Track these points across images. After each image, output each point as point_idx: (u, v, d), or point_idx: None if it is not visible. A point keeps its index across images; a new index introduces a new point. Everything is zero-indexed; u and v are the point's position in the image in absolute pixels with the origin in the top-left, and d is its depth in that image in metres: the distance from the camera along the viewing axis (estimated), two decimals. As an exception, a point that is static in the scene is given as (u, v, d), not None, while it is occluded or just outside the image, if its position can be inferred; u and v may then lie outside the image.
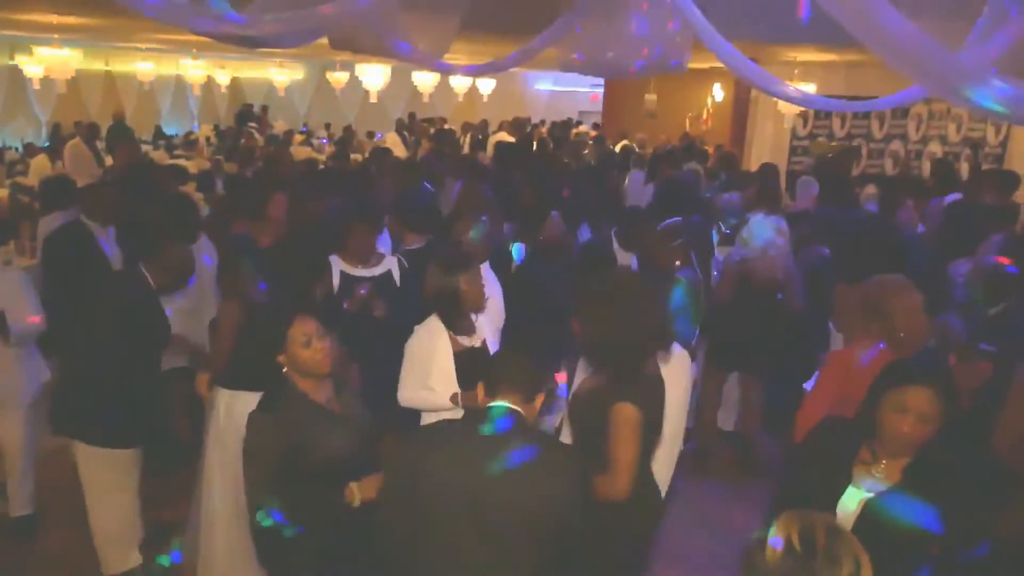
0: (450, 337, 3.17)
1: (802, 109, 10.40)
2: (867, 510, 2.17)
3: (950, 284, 4.21)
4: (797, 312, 4.63)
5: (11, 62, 12.66)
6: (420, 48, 5.93)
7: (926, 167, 10.91)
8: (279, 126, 16.15)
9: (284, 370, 2.50)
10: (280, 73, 14.62)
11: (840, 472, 2.24)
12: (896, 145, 10.89)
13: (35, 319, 3.77)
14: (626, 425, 2.39)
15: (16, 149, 13.40)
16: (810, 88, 9.51)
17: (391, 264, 3.99)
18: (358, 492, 2.42)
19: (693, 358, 3.68)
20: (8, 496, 4.00)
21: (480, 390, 2.21)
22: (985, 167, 9.61)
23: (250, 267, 3.43)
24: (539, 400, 2.21)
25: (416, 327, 3.25)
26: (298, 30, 3.15)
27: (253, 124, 15.94)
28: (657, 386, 2.56)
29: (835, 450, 2.28)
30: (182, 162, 11.26)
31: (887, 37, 2.61)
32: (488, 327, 3.37)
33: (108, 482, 3.43)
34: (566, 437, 3.28)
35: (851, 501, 2.20)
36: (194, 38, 10.86)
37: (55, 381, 3.96)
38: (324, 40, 5.69)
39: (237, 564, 3.25)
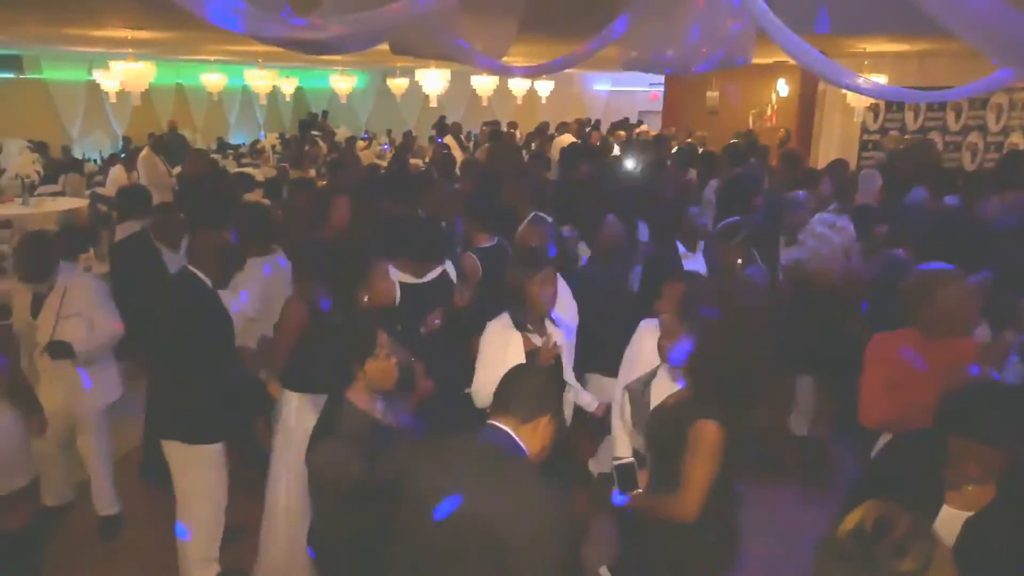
0: (523, 335, 3.17)
1: (873, 102, 10.03)
2: (968, 531, 2.02)
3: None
4: (860, 313, 4.46)
5: (89, 77, 13.23)
6: (479, 50, 5.95)
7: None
8: (341, 133, 16.47)
9: (351, 383, 2.46)
10: (342, 81, 14.87)
11: (930, 491, 2.09)
12: (975, 137, 10.41)
13: (117, 325, 3.91)
14: (707, 443, 2.27)
15: (95, 161, 14.00)
16: (881, 80, 9.17)
17: (444, 265, 3.96)
18: None
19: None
20: (93, 497, 4.18)
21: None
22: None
23: (314, 269, 3.47)
24: (542, 424, 2.08)
25: (489, 323, 3.27)
26: (360, 33, 3.16)
27: (316, 132, 16.31)
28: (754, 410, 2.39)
29: (916, 467, 2.13)
30: (249, 170, 11.59)
31: (972, 16, 2.48)
32: (562, 328, 3.34)
33: (199, 482, 3.52)
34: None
35: (948, 523, 2.05)
36: (260, 49, 11.17)
37: (147, 388, 4.10)
38: (385, 46, 5.77)
39: (295, 567, 3.29)
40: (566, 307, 3.65)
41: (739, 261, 4.08)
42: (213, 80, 14.10)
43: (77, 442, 4.10)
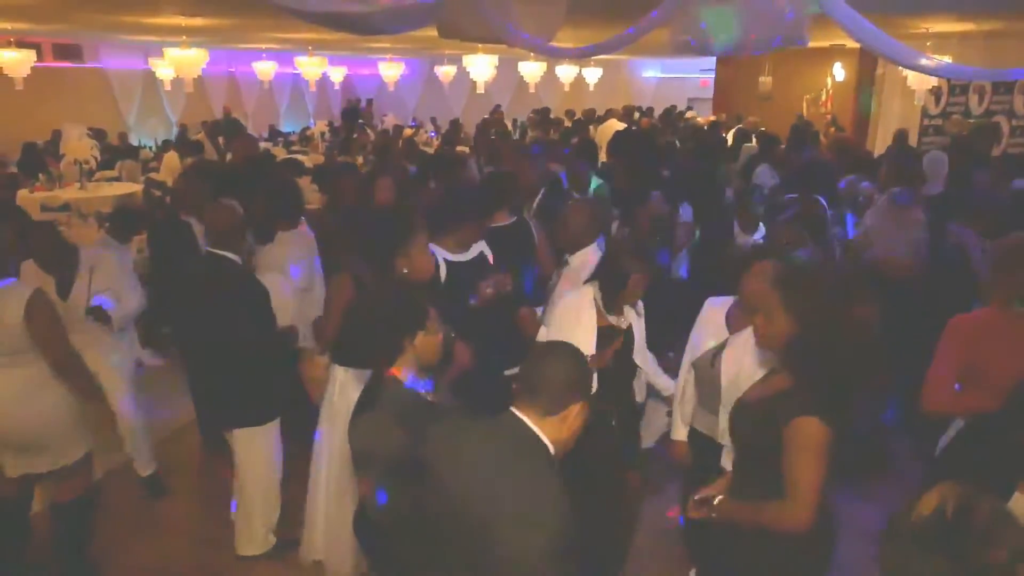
0: (599, 310, 3.16)
1: (934, 85, 9.65)
2: None
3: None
4: (920, 302, 4.28)
5: (145, 66, 13.53)
6: (529, 32, 5.88)
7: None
8: (389, 120, 16.56)
9: (399, 356, 2.42)
10: (389, 68, 14.94)
11: (1008, 481, 2.00)
12: (1043, 121, 9.96)
13: (140, 297, 4.14)
14: (811, 443, 2.07)
15: (150, 148, 14.33)
16: (946, 61, 8.82)
17: (481, 246, 3.94)
18: None
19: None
20: (133, 459, 4.33)
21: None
22: None
23: (357, 241, 3.48)
24: (572, 413, 1.90)
25: (566, 294, 3.29)
26: (406, 9, 3.13)
27: (362, 120, 16.43)
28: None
29: (1000, 453, 2.04)
30: (299, 156, 11.72)
31: None
32: (633, 313, 3.32)
33: (260, 460, 3.65)
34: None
35: (1020, 509, 1.95)
36: (310, 36, 11.27)
37: (191, 384, 4.21)
38: (433, 32, 5.74)
39: (336, 541, 3.33)
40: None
41: (786, 242, 3.92)
42: (264, 68, 14.29)
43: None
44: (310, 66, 14.00)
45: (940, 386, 2.79)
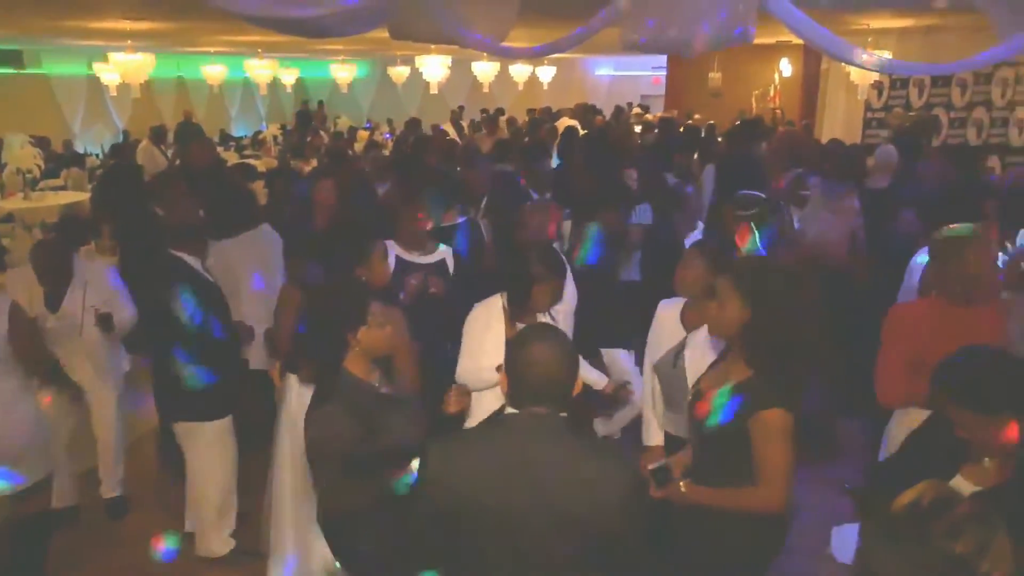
0: (506, 319, 3.15)
1: (877, 79, 9.92)
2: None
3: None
4: (866, 287, 4.42)
5: (90, 72, 13.21)
6: (480, 33, 5.91)
7: (1013, 135, 10.30)
8: (343, 123, 16.43)
9: (348, 352, 2.45)
10: (342, 71, 14.83)
11: (949, 454, 2.06)
12: (979, 112, 10.29)
13: (132, 310, 4.07)
14: (777, 433, 2.19)
15: (96, 155, 13.99)
16: (885, 55, 9.08)
17: (445, 253, 4.03)
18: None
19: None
20: (101, 479, 4.25)
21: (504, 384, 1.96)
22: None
23: (305, 251, 3.51)
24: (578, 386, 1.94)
25: (476, 304, 3.27)
26: (354, 11, 3.12)
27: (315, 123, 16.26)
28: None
29: (941, 446, 2.10)
30: (251, 161, 11.56)
31: None
32: (561, 311, 3.33)
33: (211, 457, 3.67)
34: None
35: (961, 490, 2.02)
36: (259, 39, 11.12)
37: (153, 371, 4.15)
38: (384, 33, 5.73)
39: (304, 548, 3.29)
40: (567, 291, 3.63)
41: (739, 236, 4.01)
42: (214, 72, 14.07)
43: (93, 422, 4.17)
44: (260, 69, 13.83)
45: (892, 380, 2.85)
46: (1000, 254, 3.39)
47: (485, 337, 3.14)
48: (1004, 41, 4.42)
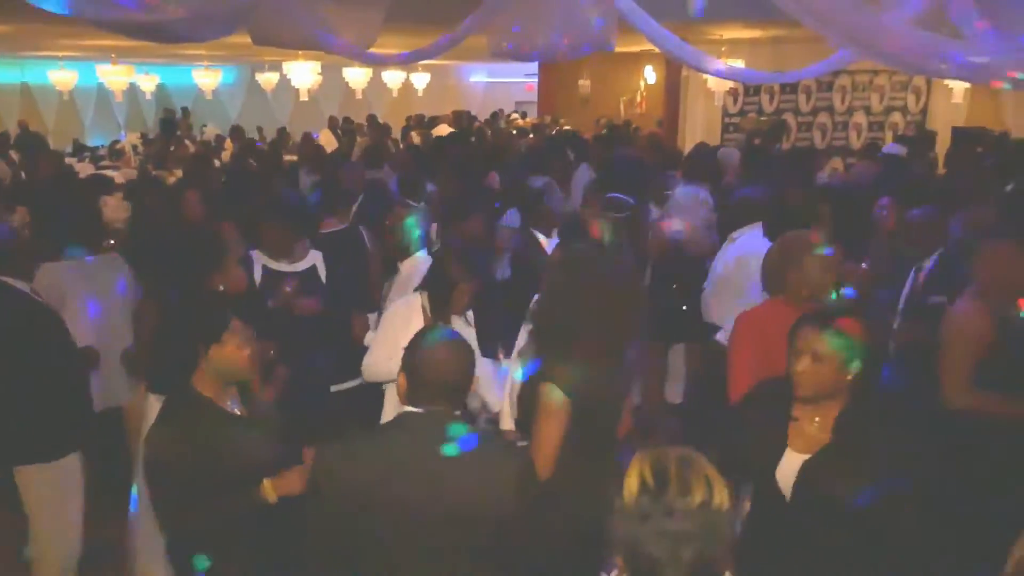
0: (425, 317, 3.17)
1: (732, 87, 10.55)
2: (803, 472, 2.14)
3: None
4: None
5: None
6: (346, 39, 5.83)
7: (852, 137, 11.24)
8: (209, 132, 15.73)
9: (198, 371, 2.34)
10: (205, 76, 14.22)
11: (776, 435, 2.22)
12: (823, 117, 11.17)
13: None
14: (544, 405, 2.32)
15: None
16: (738, 64, 9.65)
17: (315, 258, 3.93)
18: (272, 490, 2.30)
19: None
20: None
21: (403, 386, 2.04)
22: (908, 134, 9.99)
23: (162, 265, 3.35)
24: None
25: (398, 300, 3.29)
26: (206, 15, 3.02)
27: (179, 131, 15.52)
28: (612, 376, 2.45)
29: (769, 413, 2.26)
30: (109, 172, 10.88)
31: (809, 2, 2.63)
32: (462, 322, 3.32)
33: (55, 496, 3.26)
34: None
35: (789, 465, 2.18)
36: (111, 43, 10.49)
37: None
38: (248, 38, 5.55)
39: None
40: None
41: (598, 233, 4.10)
42: (63, 78, 13.16)
43: None
44: (114, 75, 13.06)
45: (740, 383, 2.93)
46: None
47: (403, 333, 3.12)
48: (836, 53, 4.84)
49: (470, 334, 3.28)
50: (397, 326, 3.15)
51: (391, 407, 3.09)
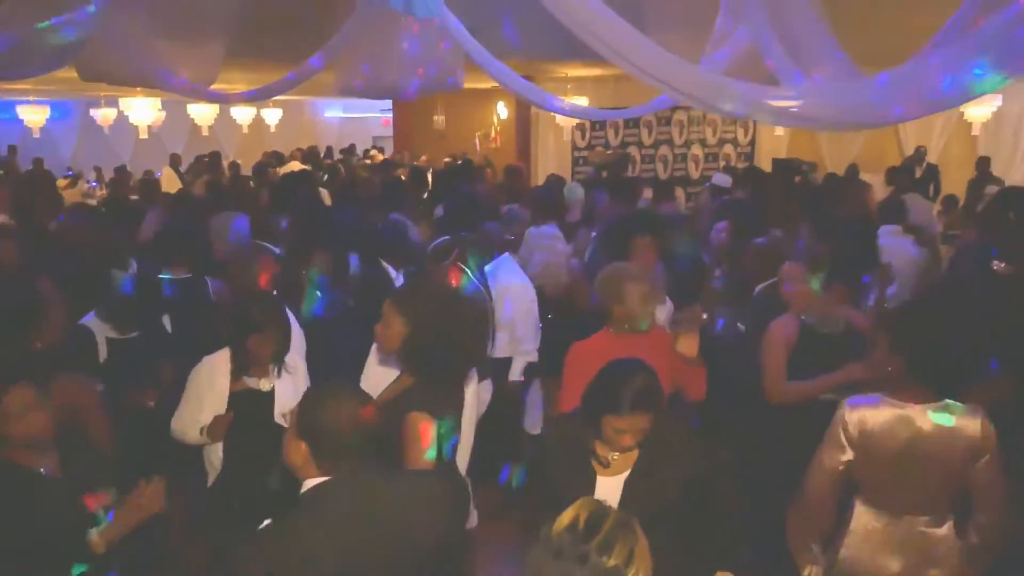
0: (232, 376, 3.02)
1: (579, 122, 11.03)
2: (627, 489, 2.33)
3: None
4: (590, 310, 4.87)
5: None
6: (184, 76, 5.62)
7: (691, 168, 12.04)
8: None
9: None
10: (31, 112, 13.20)
11: (584, 467, 2.38)
12: (664, 149, 11.90)
13: None
14: (412, 432, 2.38)
15: None
16: (583, 101, 10.11)
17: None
18: (101, 539, 2.21)
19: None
20: None
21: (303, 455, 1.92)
22: (739, 165, 10.82)
23: None
24: None
25: (205, 357, 3.10)
26: (27, 49, 2.83)
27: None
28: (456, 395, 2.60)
29: (575, 446, 2.41)
30: (-84, 218, 9.84)
31: (631, 55, 2.80)
32: (294, 368, 3.20)
33: None
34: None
35: (609, 486, 2.33)
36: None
37: None
38: (75, 73, 5.22)
39: None
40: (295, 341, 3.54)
41: (453, 283, 4.14)
42: None
43: None
44: (-76, 111, 11.89)
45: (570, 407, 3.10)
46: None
47: (207, 394, 3.02)
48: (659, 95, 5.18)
49: (289, 385, 3.09)
50: (202, 386, 3.04)
51: None
